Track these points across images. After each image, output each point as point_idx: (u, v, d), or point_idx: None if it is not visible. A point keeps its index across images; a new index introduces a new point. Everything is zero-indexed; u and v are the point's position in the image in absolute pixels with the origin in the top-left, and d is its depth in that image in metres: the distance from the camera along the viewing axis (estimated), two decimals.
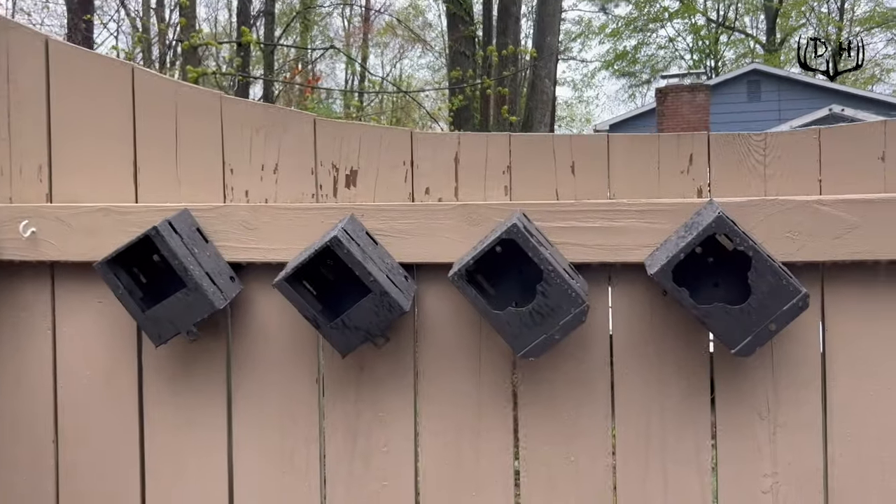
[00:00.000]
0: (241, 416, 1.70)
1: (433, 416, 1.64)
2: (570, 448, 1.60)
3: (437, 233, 1.59)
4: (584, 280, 1.55)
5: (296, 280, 1.53)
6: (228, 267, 1.64)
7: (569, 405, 1.60)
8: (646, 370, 1.57)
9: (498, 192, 1.62)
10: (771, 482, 1.53)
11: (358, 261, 1.46)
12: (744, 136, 1.54)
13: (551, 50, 15.16)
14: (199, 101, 1.70)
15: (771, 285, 1.38)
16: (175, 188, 1.71)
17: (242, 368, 1.69)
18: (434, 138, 1.64)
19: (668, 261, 1.40)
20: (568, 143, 1.59)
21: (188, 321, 1.55)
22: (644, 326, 1.57)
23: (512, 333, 1.46)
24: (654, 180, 1.56)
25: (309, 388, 1.67)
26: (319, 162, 1.67)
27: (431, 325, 1.64)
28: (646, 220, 1.52)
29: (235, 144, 1.69)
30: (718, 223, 1.38)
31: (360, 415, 1.66)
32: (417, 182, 1.64)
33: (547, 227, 1.55)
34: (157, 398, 1.72)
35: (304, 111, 1.69)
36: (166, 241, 1.52)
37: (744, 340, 1.40)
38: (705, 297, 1.51)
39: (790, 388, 1.52)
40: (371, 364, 1.65)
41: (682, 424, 1.56)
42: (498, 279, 1.59)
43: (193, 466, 1.71)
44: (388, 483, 1.65)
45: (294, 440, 1.68)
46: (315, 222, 1.62)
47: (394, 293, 1.49)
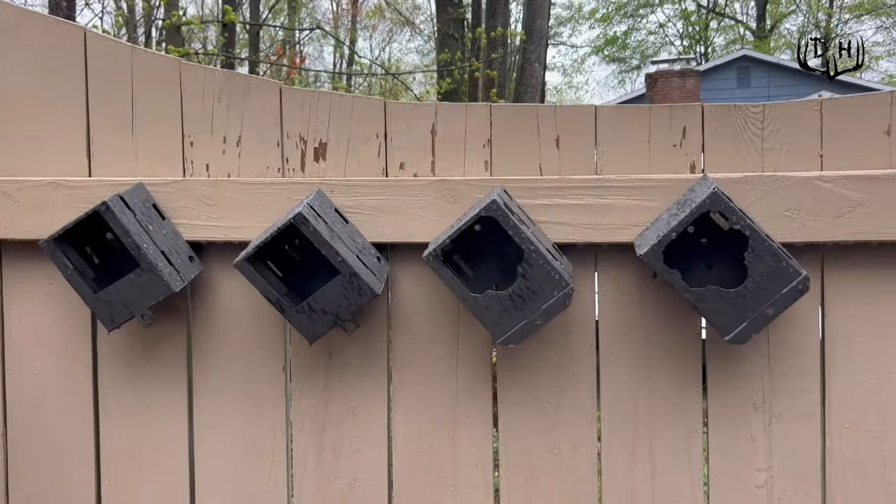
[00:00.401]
0: (203, 404, 1.59)
1: (407, 405, 1.54)
2: (553, 437, 1.50)
3: (411, 210, 1.48)
4: (568, 261, 1.45)
5: (258, 260, 1.42)
6: (187, 246, 1.53)
7: (551, 393, 1.50)
8: (633, 357, 1.47)
9: (478, 167, 1.51)
10: (765, 476, 1.44)
11: (325, 240, 1.35)
12: (740, 108, 1.43)
13: (541, 34, 15.01)
14: (157, 68, 1.58)
15: (769, 267, 1.28)
16: (131, 161, 1.59)
17: (204, 354, 1.58)
18: (409, 109, 1.53)
19: (659, 240, 1.29)
20: (552, 115, 1.48)
21: (143, 304, 1.44)
22: (632, 310, 1.47)
23: (491, 318, 1.36)
24: (644, 155, 1.46)
25: (275, 375, 1.57)
26: (286, 134, 1.55)
27: (406, 309, 1.53)
28: (635, 197, 1.41)
29: (196, 114, 1.57)
30: (713, 200, 1.28)
31: (328, 404, 1.55)
32: (391, 156, 1.53)
33: (529, 205, 1.44)
34: (113, 385, 1.61)
35: (271, 79, 1.57)
36: (117, 217, 1.40)
37: (739, 326, 1.31)
38: (698, 280, 1.41)
39: (787, 377, 1.43)
40: (341, 350, 1.55)
41: (671, 414, 1.46)
42: (477, 260, 1.49)
43: (152, 456, 1.60)
44: (360, 475, 1.55)
45: (259, 430, 1.57)
46: (281, 198, 1.50)
47: (364, 275, 1.38)
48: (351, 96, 1.53)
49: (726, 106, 1.43)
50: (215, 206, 1.51)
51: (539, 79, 15.11)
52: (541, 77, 15.85)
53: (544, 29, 16.04)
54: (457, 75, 11.75)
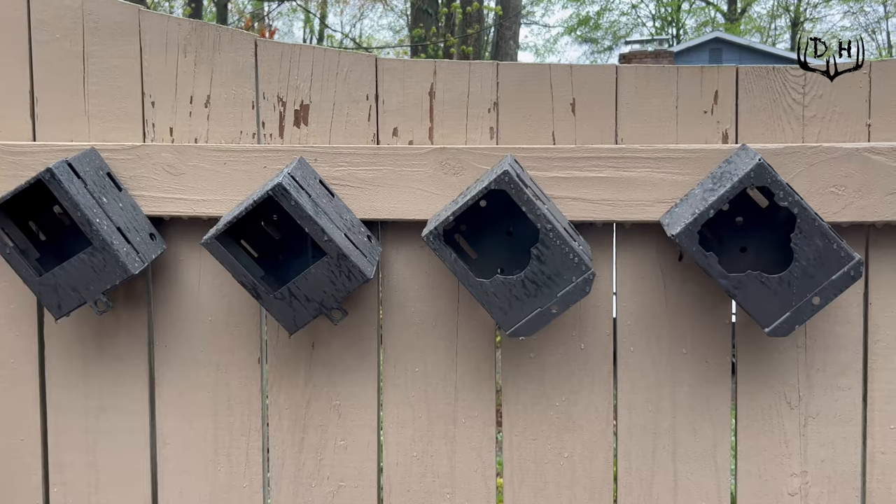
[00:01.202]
0: (167, 400, 1.40)
1: (400, 404, 1.37)
2: (564, 442, 1.34)
3: (407, 183, 1.30)
4: (585, 242, 1.28)
5: (230, 238, 1.23)
6: (148, 222, 1.33)
7: (563, 391, 1.33)
8: (655, 351, 1.32)
9: (482, 134, 1.33)
10: (799, 482, 1.29)
11: (309, 215, 1.17)
12: (780, 70, 1.27)
13: (516, 10, 14.77)
14: (113, 16, 1.37)
15: (818, 250, 1.12)
16: (82, 124, 1.38)
17: (168, 345, 1.39)
18: (404, 67, 1.34)
19: (695, 219, 1.13)
20: (568, 75, 1.30)
21: (96, 288, 1.24)
22: (655, 298, 1.31)
23: (499, 307, 1.19)
24: (671, 122, 1.29)
25: (249, 368, 1.38)
26: (262, 94, 1.36)
27: (400, 294, 1.36)
28: (663, 169, 1.24)
29: (158, 71, 1.37)
30: (758, 173, 1.12)
31: (311, 401, 1.37)
32: (383, 121, 1.34)
33: (542, 178, 1.27)
34: (62, 380, 1.41)
35: (245, 31, 1.37)
36: (64, 186, 1.20)
37: (781, 317, 1.15)
38: (731, 265, 1.26)
39: (825, 372, 1.28)
40: (325, 341, 1.37)
41: (696, 414, 1.31)
42: (481, 240, 1.31)
43: (109, 460, 1.41)
44: (346, 481, 1.38)
45: (231, 431, 1.39)
46: (256, 167, 1.31)
47: (354, 256, 1.20)
48: (338, 51, 1.34)
49: (764, 67, 1.27)
50: (180, 175, 1.32)
51: (514, 56, 14.88)
52: (515, 56, 15.62)
53: (519, 6, 15.80)
54: (431, 51, 11.48)
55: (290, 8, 25.07)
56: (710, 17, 32.55)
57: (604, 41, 34.57)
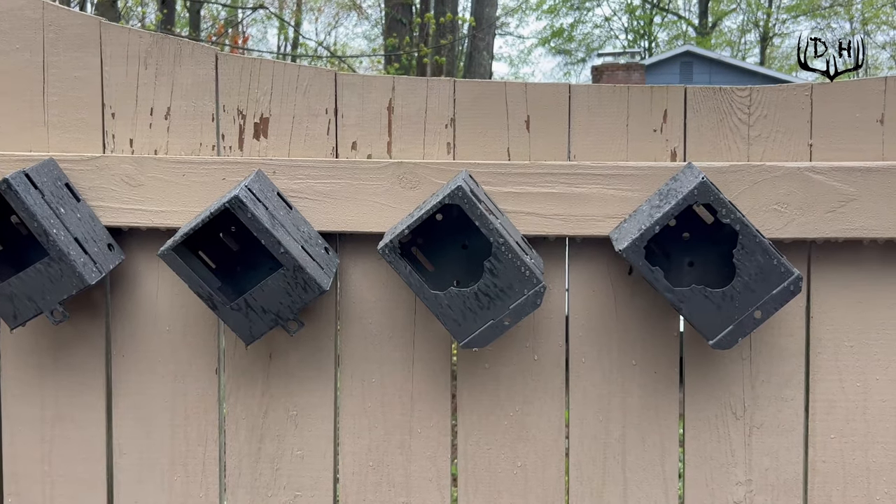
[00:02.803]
0: (124, 412, 1.40)
1: (357, 414, 1.38)
2: (518, 451, 1.37)
3: (365, 196, 1.32)
4: (538, 256, 1.31)
5: (187, 250, 1.24)
6: (106, 232, 1.33)
7: (517, 401, 1.36)
8: (606, 361, 1.35)
9: (439, 148, 1.36)
10: (745, 491, 1.33)
11: (265, 227, 1.18)
12: (726, 91, 1.31)
13: (490, 21, 14.89)
14: (74, 28, 1.38)
15: (759, 266, 1.17)
16: (41, 134, 1.38)
17: (124, 356, 1.39)
18: (363, 82, 1.36)
19: (641, 234, 1.17)
20: (523, 92, 1.34)
21: (52, 298, 1.25)
22: (605, 311, 1.35)
23: (453, 318, 1.21)
24: (622, 140, 1.33)
25: (206, 379, 1.39)
26: (222, 106, 1.37)
27: (357, 306, 1.38)
28: (613, 185, 1.28)
29: (118, 82, 1.38)
30: (702, 190, 1.16)
31: (268, 412, 1.39)
32: (342, 134, 1.37)
33: (497, 192, 1.30)
34: (17, 390, 1.40)
35: (206, 44, 1.38)
36: (21, 197, 1.20)
37: (724, 330, 1.19)
38: (677, 279, 1.30)
39: (769, 384, 1.33)
40: (283, 351, 1.38)
41: (645, 423, 1.34)
42: (437, 253, 1.34)
43: (65, 470, 1.41)
44: (303, 491, 1.39)
45: (188, 441, 1.40)
46: (215, 179, 1.32)
47: (311, 268, 1.22)
48: (297, 66, 1.36)
49: (711, 88, 1.31)
50: (139, 186, 1.32)
51: (487, 67, 15.00)
52: (489, 66, 15.74)
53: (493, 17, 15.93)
54: (405, 61, 11.53)
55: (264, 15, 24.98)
56: (682, 31, 33.06)
57: (577, 53, 34.91)
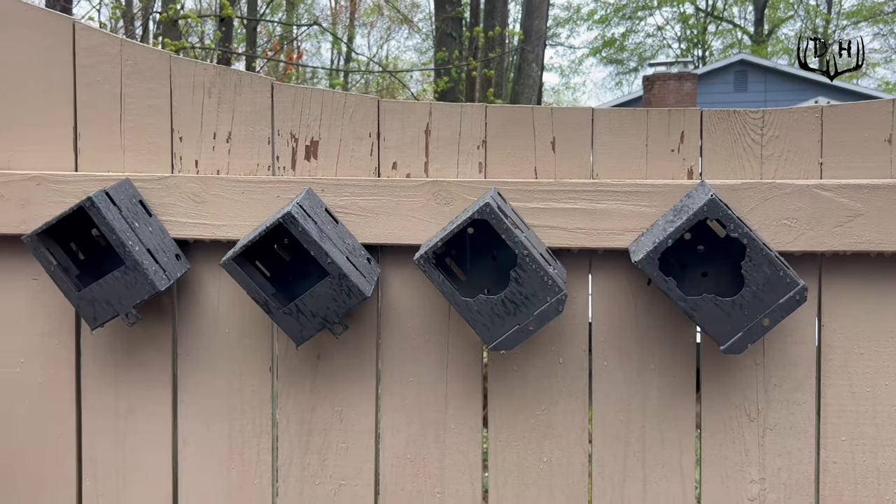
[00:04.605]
0: (188, 405, 1.56)
1: (396, 410, 1.51)
2: (544, 448, 1.47)
3: (404, 212, 1.45)
4: (561, 266, 1.42)
5: (246, 260, 1.39)
6: (174, 244, 1.50)
7: (543, 401, 1.47)
8: (626, 365, 1.45)
9: (472, 168, 1.48)
10: (758, 489, 1.41)
11: (314, 240, 1.32)
12: (739, 113, 1.41)
13: (539, 34, 14.98)
14: (147, 62, 1.55)
15: (766, 276, 1.26)
16: (118, 156, 1.56)
17: (189, 355, 1.55)
18: (403, 108, 1.50)
19: (655, 247, 1.27)
20: (549, 116, 1.45)
21: (127, 303, 1.41)
22: (626, 317, 1.45)
23: (482, 323, 1.33)
24: (641, 159, 1.43)
25: (261, 377, 1.54)
26: (277, 131, 1.52)
27: (396, 312, 1.51)
28: (631, 202, 1.39)
29: (185, 110, 1.54)
30: (710, 207, 1.26)
31: (315, 407, 1.52)
32: (384, 156, 1.50)
33: (524, 208, 1.42)
34: (96, 384, 1.57)
35: (262, 75, 1.53)
36: (102, 213, 1.37)
37: (734, 336, 1.28)
38: (693, 288, 1.39)
39: (782, 388, 1.41)
40: (329, 353, 1.52)
41: (664, 424, 1.44)
42: (469, 264, 1.46)
43: (135, 458, 1.57)
44: (346, 480, 1.52)
45: (244, 431, 1.54)
46: (271, 197, 1.47)
47: (354, 277, 1.35)
48: (344, 94, 1.50)
49: (725, 111, 1.41)
50: (203, 203, 1.48)
51: (536, 79, 15.09)
52: (538, 77, 15.82)
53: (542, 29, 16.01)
54: (454, 74, 11.71)
55: (318, 29, 25.54)
56: (737, 39, 32.55)
57: (629, 62, 34.70)
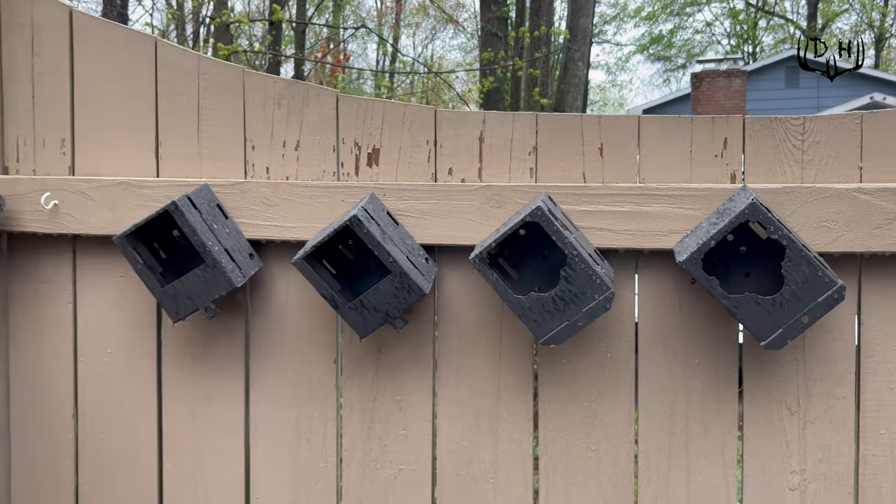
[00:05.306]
0: (259, 394, 1.68)
1: (451, 400, 1.61)
2: (591, 437, 1.56)
3: (459, 214, 1.55)
4: (609, 266, 1.50)
5: (315, 259, 1.51)
6: (248, 244, 1.62)
7: (591, 393, 1.56)
8: (671, 360, 1.53)
9: (523, 173, 1.57)
10: (799, 479, 1.48)
11: (377, 241, 1.43)
12: (781, 120, 1.47)
13: (585, 32, 14.94)
14: (222, 76, 1.68)
15: (805, 276, 1.32)
16: (196, 163, 1.69)
17: (261, 347, 1.68)
18: (458, 117, 1.60)
19: (699, 248, 1.34)
20: (597, 124, 1.54)
21: (206, 298, 1.54)
22: (671, 315, 1.52)
23: (534, 319, 1.42)
24: (685, 164, 1.51)
25: (326, 368, 1.66)
26: (341, 139, 1.64)
27: (451, 308, 1.61)
28: (676, 205, 1.46)
29: (257, 120, 1.67)
30: (752, 210, 1.33)
31: (377, 397, 1.64)
32: (440, 162, 1.61)
33: (573, 211, 1.50)
34: (175, 374, 1.71)
35: (328, 87, 1.65)
36: (185, 216, 1.50)
37: (774, 333, 1.35)
38: (735, 287, 1.46)
39: (822, 383, 1.47)
40: (389, 346, 1.63)
41: (708, 417, 1.51)
42: (521, 263, 1.55)
43: (210, 442, 1.70)
44: (405, 466, 1.63)
45: (310, 420, 1.66)
46: (336, 201, 1.59)
47: (414, 275, 1.46)
48: (403, 104, 1.61)
49: (767, 118, 1.47)
50: (275, 206, 1.61)
51: (582, 77, 15.06)
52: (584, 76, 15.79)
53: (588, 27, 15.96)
54: (500, 74, 11.78)
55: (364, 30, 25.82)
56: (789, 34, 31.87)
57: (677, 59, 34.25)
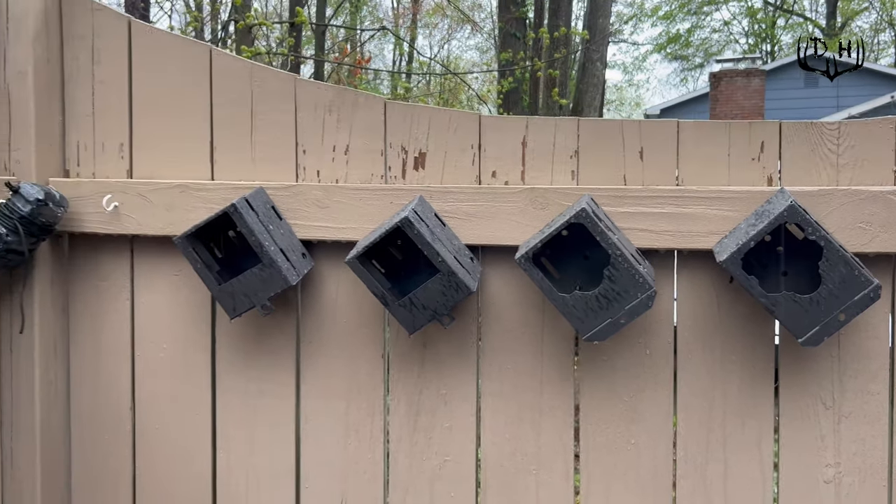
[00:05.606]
0: (309, 387, 1.76)
1: (495, 395, 1.68)
2: (631, 431, 1.62)
3: (503, 215, 1.61)
4: (650, 265, 1.56)
5: (366, 258, 1.58)
6: (300, 244, 1.69)
7: (631, 388, 1.61)
8: (709, 357, 1.58)
9: (565, 176, 1.63)
10: (834, 472, 1.53)
11: (427, 241, 1.50)
12: (817, 125, 1.52)
13: (603, 32, 14.94)
14: (275, 83, 1.75)
15: (842, 275, 1.37)
16: (249, 167, 1.76)
17: (311, 342, 1.75)
18: (502, 122, 1.66)
19: (738, 248, 1.40)
20: (637, 128, 1.59)
21: (263, 296, 1.61)
22: (709, 314, 1.58)
23: (577, 316, 1.48)
24: (723, 167, 1.56)
25: (374, 362, 1.72)
26: (389, 144, 1.70)
27: (494, 305, 1.67)
28: (715, 207, 1.52)
29: (308, 126, 1.74)
30: (790, 212, 1.38)
31: (422, 390, 1.70)
32: (484, 165, 1.67)
33: (614, 212, 1.56)
34: (229, 368, 1.79)
35: (376, 94, 1.72)
36: (244, 217, 1.57)
37: (811, 330, 1.40)
38: (773, 286, 1.51)
39: (857, 379, 1.52)
40: (435, 342, 1.69)
41: (745, 411, 1.56)
42: (562, 262, 1.61)
43: (263, 433, 1.78)
44: (450, 457, 1.70)
45: (358, 412, 1.73)
46: (384, 203, 1.66)
47: (461, 274, 1.52)
48: (449, 110, 1.68)
49: (803, 123, 1.52)
50: (326, 208, 1.68)
51: (601, 78, 15.06)
52: (602, 76, 15.78)
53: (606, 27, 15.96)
54: (518, 75, 11.82)
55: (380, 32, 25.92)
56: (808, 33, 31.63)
57: (694, 58, 34.07)
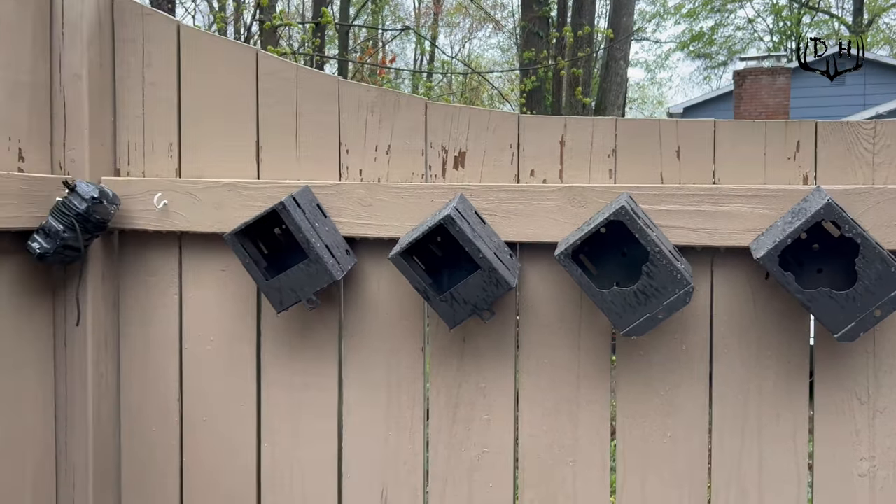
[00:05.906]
0: (352, 380, 1.81)
1: (532, 388, 1.72)
2: (667, 424, 1.65)
3: (541, 213, 1.65)
4: (687, 262, 1.59)
5: (409, 255, 1.63)
6: (344, 241, 1.75)
7: (667, 382, 1.65)
8: (745, 352, 1.61)
9: (602, 174, 1.67)
10: (868, 466, 1.55)
11: (469, 238, 1.54)
12: (853, 125, 1.55)
13: (626, 30, 14.91)
14: (318, 84, 1.81)
15: (879, 272, 1.40)
16: (294, 166, 1.82)
17: (353, 336, 1.80)
18: (540, 122, 1.70)
19: (776, 245, 1.43)
20: (674, 128, 1.63)
21: (308, 290, 1.67)
22: (745, 310, 1.61)
23: (616, 312, 1.52)
24: (759, 166, 1.59)
25: (414, 356, 1.77)
26: (429, 143, 1.75)
27: (532, 301, 1.71)
28: (752, 205, 1.55)
29: (351, 126, 1.79)
30: (827, 210, 1.41)
31: (462, 383, 1.75)
32: (523, 164, 1.71)
33: (651, 210, 1.60)
34: (273, 361, 1.85)
35: (417, 95, 1.77)
36: (292, 215, 1.63)
37: (847, 326, 1.43)
38: (809, 282, 1.54)
39: (891, 375, 1.54)
40: (474, 336, 1.74)
41: (779, 406, 1.59)
42: (600, 259, 1.65)
43: (306, 425, 1.83)
44: (488, 448, 1.74)
45: (399, 404, 1.78)
46: (425, 201, 1.70)
47: (501, 270, 1.57)
48: (489, 111, 1.72)
49: (839, 123, 1.55)
50: (369, 206, 1.73)
51: (624, 76, 15.03)
52: (625, 74, 15.75)
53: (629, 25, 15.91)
54: (542, 74, 11.84)
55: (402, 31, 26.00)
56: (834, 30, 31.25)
57: (718, 56, 33.79)
